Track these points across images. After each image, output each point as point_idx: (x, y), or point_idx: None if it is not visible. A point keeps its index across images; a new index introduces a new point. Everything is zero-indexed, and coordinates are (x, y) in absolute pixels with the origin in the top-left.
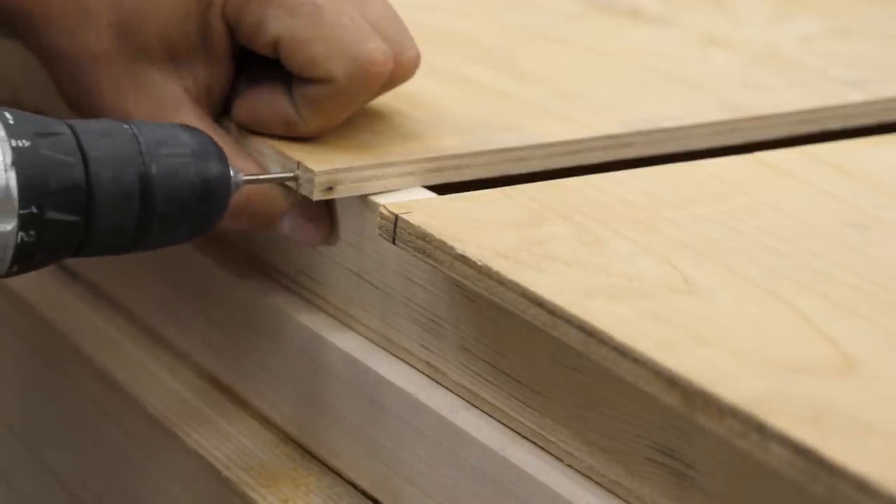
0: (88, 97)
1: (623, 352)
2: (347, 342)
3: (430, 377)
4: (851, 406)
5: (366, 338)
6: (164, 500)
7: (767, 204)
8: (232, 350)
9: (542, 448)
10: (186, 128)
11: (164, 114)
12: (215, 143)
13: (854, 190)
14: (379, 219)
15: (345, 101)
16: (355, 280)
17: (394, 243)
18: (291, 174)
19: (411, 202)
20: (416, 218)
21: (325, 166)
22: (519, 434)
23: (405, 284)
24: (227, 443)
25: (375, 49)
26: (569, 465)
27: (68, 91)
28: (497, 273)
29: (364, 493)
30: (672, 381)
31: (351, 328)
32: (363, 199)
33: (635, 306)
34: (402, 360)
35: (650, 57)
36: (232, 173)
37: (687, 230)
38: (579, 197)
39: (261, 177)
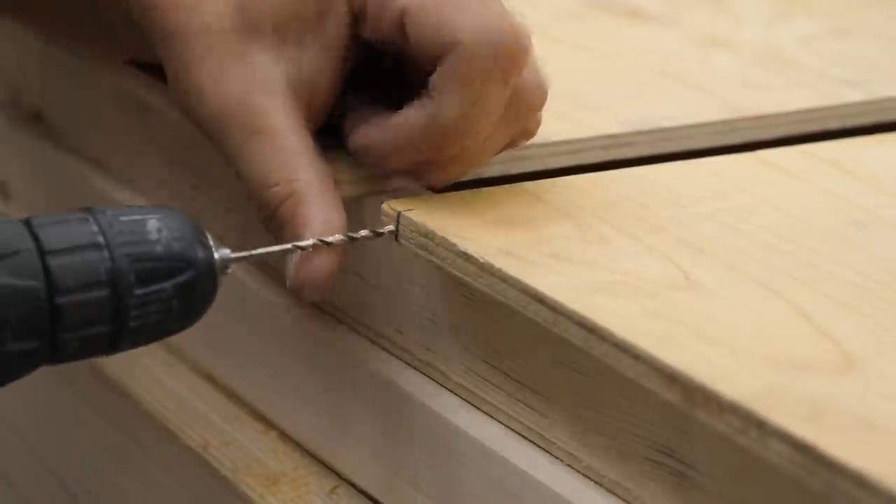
0: (190, 72)
1: (623, 348)
2: (347, 342)
3: (430, 377)
4: (851, 403)
5: (365, 338)
6: (162, 500)
7: (768, 202)
8: (231, 350)
9: (542, 448)
10: (160, 212)
11: (256, 96)
12: (194, 225)
13: (856, 188)
14: (381, 217)
15: (476, 72)
16: (355, 280)
17: (396, 240)
18: (382, 230)
19: (413, 199)
20: (419, 215)
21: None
22: (519, 434)
23: (405, 284)
24: (225, 442)
25: (509, 22)
26: (569, 466)
27: (172, 67)
28: (499, 270)
29: (364, 493)
30: (672, 378)
31: (351, 328)
32: (363, 198)
33: (636, 303)
34: (402, 360)
35: (650, 56)
36: (218, 256)
37: (688, 228)
38: (581, 195)
39: (254, 252)
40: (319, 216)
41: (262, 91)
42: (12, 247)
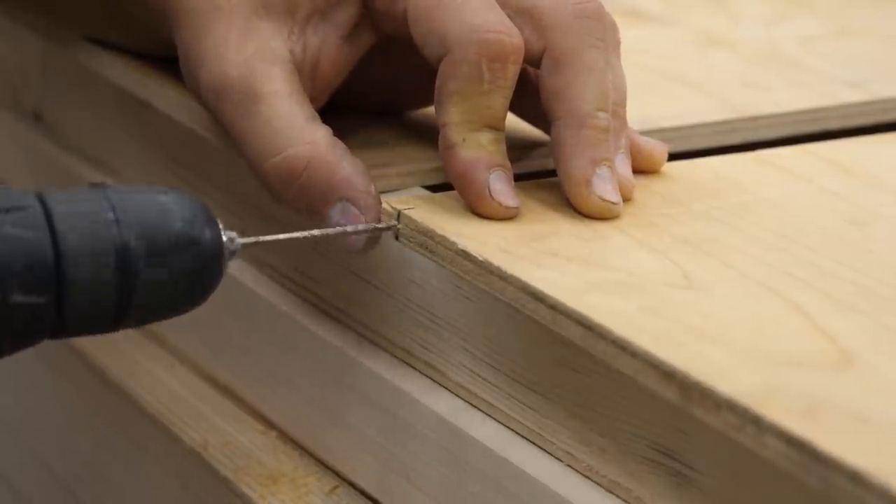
0: (199, 44)
1: (621, 346)
2: (347, 342)
3: (430, 377)
4: (848, 400)
5: (365, 337)
6: (163, 500)
7: (767, 201)
8: (230, 349)
9: (542, 448)
10: (170, 192)
11: (259, 64)
12: (203, 207)
13: (855, 187)
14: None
15: (465, 73)
16: (354, 280)
17: (396, 239)
18: (385, 225)
19: (413, 198)
20: (419, 214)
21: None
22: (519, 434)
23: (405, 284)
24: (226, 443)
25: (496, 20)
26: (569, 466)
27: (184, 41)
28: (498, 268)
29: (364, 494)
30: (669, 375)
31: (350, 328)
32: None
33: (634, 301)
34: (402, 360)
35: (649, 57)
36: (226, 238)
37: (686, 226)
38: None
39: (262, 238)
40: (354, 169)
41: (262, 59)
42: (18, 203)
